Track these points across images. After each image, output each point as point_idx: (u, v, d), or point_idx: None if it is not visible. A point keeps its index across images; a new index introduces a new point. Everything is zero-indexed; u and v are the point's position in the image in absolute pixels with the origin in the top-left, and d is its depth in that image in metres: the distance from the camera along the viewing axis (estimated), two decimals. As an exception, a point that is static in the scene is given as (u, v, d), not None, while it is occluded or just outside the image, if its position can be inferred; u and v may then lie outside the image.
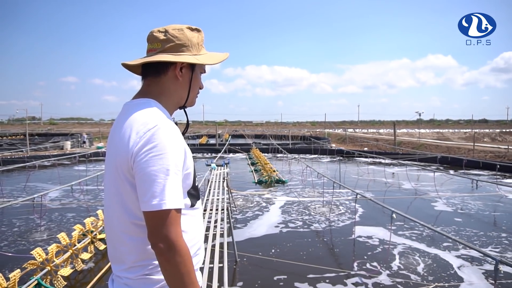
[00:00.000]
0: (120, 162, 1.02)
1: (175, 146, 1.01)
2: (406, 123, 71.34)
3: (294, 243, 5.76)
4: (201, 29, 1.21)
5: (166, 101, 1.15)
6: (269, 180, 11.22)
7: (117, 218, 1.08)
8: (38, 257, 3.83)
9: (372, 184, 11.35)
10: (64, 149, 23.13)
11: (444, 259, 5.10)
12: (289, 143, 28.40)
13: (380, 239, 5.89)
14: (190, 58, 1.15)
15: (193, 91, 1.22)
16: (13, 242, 5.77)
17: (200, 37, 1.20)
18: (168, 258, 0.95)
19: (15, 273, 3.30)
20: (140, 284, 1.07)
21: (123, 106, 1.15)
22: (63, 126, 63.79)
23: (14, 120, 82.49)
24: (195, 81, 1.21)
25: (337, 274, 4.56)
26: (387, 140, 29.70)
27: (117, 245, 1.10)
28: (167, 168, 0.97)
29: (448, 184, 11.39)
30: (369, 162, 16.94)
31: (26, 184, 10.72)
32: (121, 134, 1.03)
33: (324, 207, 8.09)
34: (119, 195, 1.06)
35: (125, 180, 1.03)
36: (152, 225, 0.96)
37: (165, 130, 1.01)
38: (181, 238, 0.97)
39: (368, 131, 51.47)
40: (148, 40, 1.17)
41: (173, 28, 1.15)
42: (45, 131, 42.07)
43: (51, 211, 7.62)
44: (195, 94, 1.24)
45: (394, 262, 4.96)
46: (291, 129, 44.17)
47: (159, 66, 1.14)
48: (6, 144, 24.76)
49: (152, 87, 1.15)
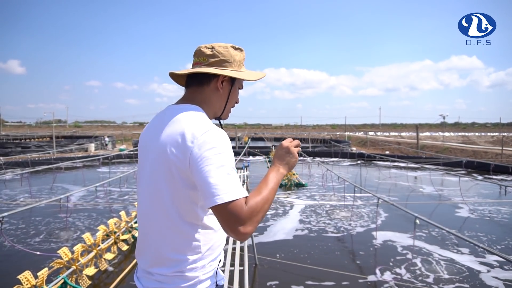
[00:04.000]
0: (174, 162, 1.08)
1: (230, 146, 1.10)
2: (430, 126, 69.69)
3: (314, 247, 5.70)
4: (243, 49, 1.31)
5: (206, 110, 1.23)
6: (289, 183, 11.19)
7: (161, 215, 1.14)
8: (65, 256, 3.94)
9: (394, 188, 11.13)
10: (88, 151, 23.80)
11: (468, 266, 4.93)
12: (309, 146, 28.20)
13: (402, 244, 5.76)
14: (232, 72, 1.24)
15: (230, 103, 1.31)
16: (41, 241, 5.96)
17: (242, 56, 1.30)
18: (254, 228, 1.03)
19: (43, 272, 3.41)
20: (175, 280, 1.13)
21: (166, 108, 1.24)
22: (87, 129, 65.63)
23: (41, 123, 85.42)
24: (233, 95, 1.31)
25: (359, 279, 4.48)
26: (409, 143, 29.05)
27: (155, 242, 1.16)
28: (230, 164, 1.06)
29: (474, 190, 11.03)
30: (391, 166, 16.62)
31: (53, 185, 11.09)
32: (173, 135, 1.10)
33: (344, 211, 7.98)
34: (166, 193, 1.12)
35: (178, 179, 1.09)
36: (228, 214, 1.00)
37: (220, 132, 1.10)
38: (250, 215, 1.01)
39: (389, 134, 50.50)
40: (195, 54, 1.28)
41: (219, 46, 1.25)
42: (71, 134, 43.34)
43: (76, 211, 7.84)
44: (230, 107, 1.33)
45: (417, 268, 4.84)
46: (310, 132, 43.84)
47: (203, 78, 1.24)
48: (34, 146, 25.66)
49: (195, 95, 1.25)
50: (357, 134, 47.26)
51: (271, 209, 8.15)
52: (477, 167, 15.39)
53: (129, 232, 5.63)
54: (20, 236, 6.19)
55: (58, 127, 63.32)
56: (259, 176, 13.63)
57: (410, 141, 30.88)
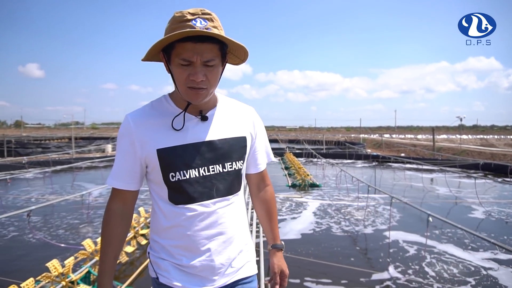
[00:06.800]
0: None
1: (120, 137, 1.26)
2: (447, 129, 68.29)
3: (328, 245, 5.79)
4: (177, 13, 1.11)
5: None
6: (303, 184, 11.25)
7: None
8: (88, 247, 4.15)
9: (409, 190, 11.08)
10: (106, 152, 24.35)
11: (483, 265, 4.93)
12: (323, 148, 28.15)
13: (416, 243, 5.79)
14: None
15: (176, 80, 1.15)
16: (64, 234, 6.23)
17: (172, 20, 1.12)
18: None
19: (70, 260, 3.61)
20: None
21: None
22: (104, 130, 66.92)
23: (59, 125, 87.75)
24: (173, 68, 1.15)
25: (372, 275, 4.56)
26: (425, 145, 28.66)
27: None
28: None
29: (491, 192, 10.88)
30: (406, 167, 16.48)
31: (73, 183, 11.45)
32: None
33: (358, 211, 8.02)
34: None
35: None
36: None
37: None
38: None
39: (405, 136, 49.84)
40: None
41: None
42: (88, 135, 44.36)
43: (97, 207, 8.11)
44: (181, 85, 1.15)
45: (430, 266, 4.87)
46: (325, 134, 43.68)
47: None
48: (53, 147, 26.45)
49: None
50: (372, 136, 46.80)
51: (286, 208, 8.25)
52: (495, 170, 15.13)
53: (147, 227, 5.82)
54: (45, 229, 6.48)
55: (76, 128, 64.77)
56: (273, 176, 13.73)
57: (426, 143, 30.45)
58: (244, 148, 1.27)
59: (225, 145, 1.22)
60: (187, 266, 1.20)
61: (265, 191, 1.46)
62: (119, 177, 1.21)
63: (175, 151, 1.16)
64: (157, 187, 1.21)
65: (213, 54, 1.09)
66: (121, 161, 1.20)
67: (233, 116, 1.29)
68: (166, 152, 1.15)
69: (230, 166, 1.23)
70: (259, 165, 1.40)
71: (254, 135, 1.33)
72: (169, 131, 1.17)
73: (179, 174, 1.16)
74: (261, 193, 1.45)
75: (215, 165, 1.20)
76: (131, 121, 1.17)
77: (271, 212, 1.47)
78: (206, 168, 1.19)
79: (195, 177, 1.17)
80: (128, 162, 1.19)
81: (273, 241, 1.47)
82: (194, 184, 1.17)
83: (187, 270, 1.20)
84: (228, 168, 1.22)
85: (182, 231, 1.18)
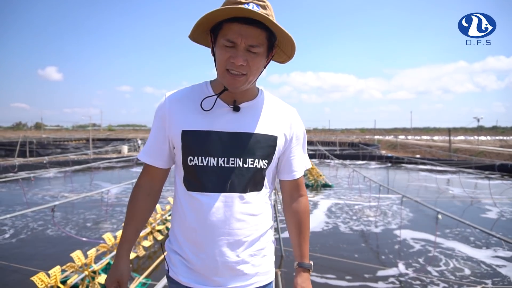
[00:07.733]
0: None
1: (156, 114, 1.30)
2: (465, 130, 66.81)
3: (339, 242, 5.89)
4: None
5: None
6: (315, 184, 11.33)
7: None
8: (109, 241, 4.37)
9: (423, 190, 11.03)
10: (122, 153, 24.88)
11: (494, 263, 4.96)
12: (336, 149, 28.07)
13: (426, 241, 5.83)
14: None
15: (218, 62, 1.14)
16: (84, 229, 6.50)
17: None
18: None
19: (92, 252, 3.82)
20: None
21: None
22: (120, 132, 68.02)
23: (77, 127, 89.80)
24: (217, 50, 1.14)
25: (381, 271, 4.64)
26: (441, 147, 28.23)
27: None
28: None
29: (508, 193, 10.73)
30: (420, 168, 16.34)
31: (92, 182, 11.82)
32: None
33: (370, 210, 8.08)
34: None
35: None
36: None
37: None
38: None
39: (421, 138, 49.10)
40: None
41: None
42: (105, 137, 45.27)
43: (115, 205, 8.40)
44: (221, 68, 1.13)
45: (440, 264, 4.92)
46: (339, 136, 43.46)
47: None
48: (72, 148, 27.17)
49: None
50: (387, 137, 46.31)
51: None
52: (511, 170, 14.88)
53: (163, 224, 6.03)
54: (67, 224, 6.77)
55: (93, 130, 66.14)
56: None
57: (442, 145, 29.99)
58: (272, 148, 1.20)
59: (251, 140, 1.16)
60: (190, 262, 1.19)
61: (298, 201, 1.35)
62: (148, 153, 1.26)
63: (198, 136, 1.15)
64: (178, 169, 1.25)
65: (258, 41, 1.06)
66: (152, 138, 1.24)
67: (269, 113, 1.23)
68: (190, 135, 1.15)
69: (252, 163, 1.16)
70: (294, 172, 1.31)
71: (289, 137, 1.26)
72: (198, 114, 1.17)
73: (197, 160, 1.15)
74: (294, 203, 1.35)
75: (236, 159, 1.15)
76: (167, 100, 1.21)
77: (302, 226, 1.34)
78: (225, 160, 1.15)
79: (212, 166, 1.14)
80: (158, 139, 1.23)
81: (300, 258, 1.35)
82: (209, 173, 1.14)
83: (190, 265, 1.19)
84: (249, 164, 1.16)
85: (190, 221, 1.18)
